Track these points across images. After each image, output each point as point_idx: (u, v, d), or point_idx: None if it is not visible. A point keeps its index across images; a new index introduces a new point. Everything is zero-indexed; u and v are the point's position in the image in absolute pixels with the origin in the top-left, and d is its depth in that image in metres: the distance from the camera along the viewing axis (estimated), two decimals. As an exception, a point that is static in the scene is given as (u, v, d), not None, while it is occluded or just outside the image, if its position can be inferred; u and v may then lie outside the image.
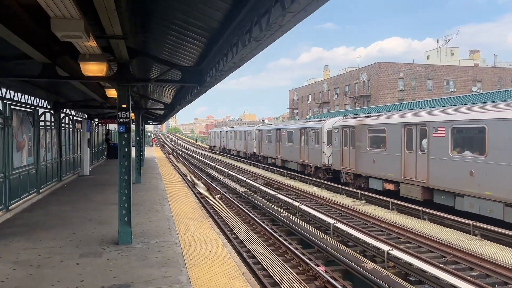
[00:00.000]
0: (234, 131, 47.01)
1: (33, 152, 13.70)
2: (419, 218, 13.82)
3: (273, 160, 32.91)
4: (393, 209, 15.32)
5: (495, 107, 13.81)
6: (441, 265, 9.34)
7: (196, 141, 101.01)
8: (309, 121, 29.53)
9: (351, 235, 11.58)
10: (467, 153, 14.13)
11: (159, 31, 8.03)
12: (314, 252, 10.81)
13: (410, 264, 9.09)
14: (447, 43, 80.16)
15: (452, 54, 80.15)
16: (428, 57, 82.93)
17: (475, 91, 57.36)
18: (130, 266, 7.13)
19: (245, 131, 41.15)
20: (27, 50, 7.12)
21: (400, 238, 11.93)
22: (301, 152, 27.80)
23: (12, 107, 11.52)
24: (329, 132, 23.92)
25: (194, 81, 8.71)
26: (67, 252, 7.93)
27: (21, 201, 12.33)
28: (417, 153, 16.28)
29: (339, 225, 12.50)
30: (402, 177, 16.84)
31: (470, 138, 14.48)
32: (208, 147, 71.07)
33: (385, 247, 10.08)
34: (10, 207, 11.31)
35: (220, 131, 58.10)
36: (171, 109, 19.89)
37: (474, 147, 13.88)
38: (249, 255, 10.13)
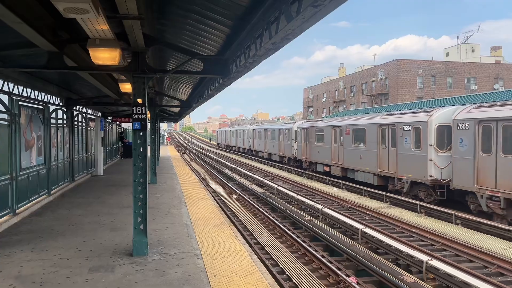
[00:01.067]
0: (236, 130, 54.63)
1: (43, 152, 12.92)
2: (451, 222, 13.03)
3: (262, 154, 40.41)
4: (421, 213, 14.63)
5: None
6: (486, 278, 8.28)
7: (210, 140, 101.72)
8: (286, 123, 37.28)
9: (381, 241, 10.78)
10: (360, 144, 21.02)
11: (177, 16, 7.07)
12: (342, 260, 10.01)
13: (451, 276, 8.19)
14: (468, 39, 77.76)
15: (473, 51, 77.69)
16: (447, 54, 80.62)
17: (497, 89, 55.51)
18: (147, 284, 6.18)
19: (243, 130, 47.92)
20: (30, 36, 6.22)
21: (434, 245, 11.07)
22: (280, 147, 35.30)
23: (20, 103, 10.71)
24: (296, 132, 30.91)
25: (218, 72, 7.72)
26: (76, 265, 7.02)
27: (29, 204, 11.53)
28: (338, 145, 23.61)
29: (368, 230, 11.65)
30: (332, 161, 24.22)
31: (360, 135, 21.09)
32: (216, 144, 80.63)
33: (422, 257, 9.18)
34: (17, 211, 10.50)
35: (225, 130, 68.36)
36: (188, 106, 18.95)
37: (361, 140, 20.97)
38: (272, 263, 9.42)
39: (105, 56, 6.05)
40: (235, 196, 18.83)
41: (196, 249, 8.01)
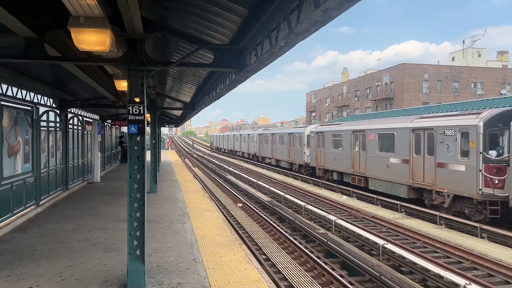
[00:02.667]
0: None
1: (31, 158, 11.58)
2: (475, 236, 12.14)
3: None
4: (441, 224, 13.69)
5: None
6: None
7: (211, 145, 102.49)
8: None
9: (404, 258, 9.79)
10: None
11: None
12: (364, 281, 8.99)
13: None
14: (474, 43, 76.50)
15: (479, 55, 76.43)
16: (453, 59, 79.36)
17: (504, 94, 54.25)
18: (143, 332, 4.84)
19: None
20: (2, 18, 4.93)
21: (463, 262, 10.11)
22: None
23: (2, 103, 9.41)
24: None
25: (231, 65, 6.39)
26: (56, 301, 5.68)
27: (13, 217, 10.18)
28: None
29: (390, 246, 10.55)
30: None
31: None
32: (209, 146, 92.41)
33: (459, 280, 8.08)
34: (-3, 226, 9.18)
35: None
36: (191, 109, 17.57)
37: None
38: (285, 284, 8.40)
39: (92, 40, 4.71)
40: (240, 205, 17.60)
41: (204, 278, 6.64)
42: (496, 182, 13.13)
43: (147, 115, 10.95)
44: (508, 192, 12.66)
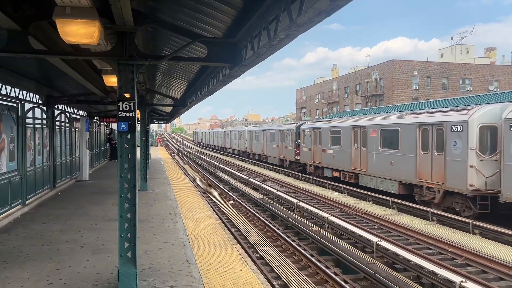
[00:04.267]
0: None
1: (16, 156, 11.20)
2: (468, 232, 12.08)
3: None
4: (433, 220, 13.72)
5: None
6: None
7: (194, 140, 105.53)
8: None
9: (398, 255, 9.70)
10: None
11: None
12: (359, 279, 8.86)
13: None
14: (462, 40, 76.96)
15: (468, 52, 76.96)
16: (442, 55, 79.88)
17: (492, 90, 54.77)
18: None
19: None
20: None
21: (456, 259, 10.07)
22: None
23: (-16, 99, 9.04)
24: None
25: (226, 59, 6.13)
26: (42, 308, 5.40)
27: (-2, 218, 9.83)
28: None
29: (384, 243, 10.44)
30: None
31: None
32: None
33: (454, 278, 7.93)
34: (-19, 228, 8.82)
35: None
36: (182, 105, 17.22)
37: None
38: (280, 283, 8.24)
39: (79, 32, 4.42)
40: (232, 202, 17.40)
41: (197, 281, 6.41)
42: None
43: (137, 112, 10.64)
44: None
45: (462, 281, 7.77)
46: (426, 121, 15.81)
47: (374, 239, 10.71)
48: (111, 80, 8.73)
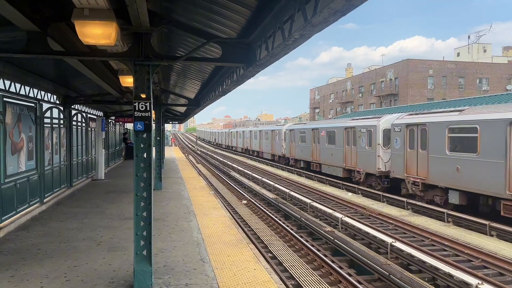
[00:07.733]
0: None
1: (35, 155, 11.43)
2: (484, 233, 11.97)
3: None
4: (449, 222, 13.51)
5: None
6: None
7: (197, 138, 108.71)
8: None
9: (413, 256, 9.60)
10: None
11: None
12: (373, 280, 8.81)
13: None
14: (479, 39, 75.66)
15: (485, 51, 75.66)
16: (458, 54, 78.69)
17: (510, 90, 53.65)
18: (151, 337, 4.67)
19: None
20: (1, 9, 4.73)
21: (472, 261, 9.91)
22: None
23: (5, 99, 9.23)
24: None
25: (240, 59, 6.17)
26: (61, 303, 5.51)
27: (17, 215, 10.02)
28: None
29: (398, 244, 10.35)
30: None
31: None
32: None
33: (471, 280, 7.79)
34: (1, 225, 9.01)
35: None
36: (196, 105, 17.34)
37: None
38: (293, 283, 8.23)
39: (97, 33, 4.51)
40: (245, 202, 17.45)
41: (212, 279, 6.46)
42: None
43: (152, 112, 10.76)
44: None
45: (478, 283, 7.67)
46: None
47: (388, 240, 10.62)
48: (127, 81, 8.86)
